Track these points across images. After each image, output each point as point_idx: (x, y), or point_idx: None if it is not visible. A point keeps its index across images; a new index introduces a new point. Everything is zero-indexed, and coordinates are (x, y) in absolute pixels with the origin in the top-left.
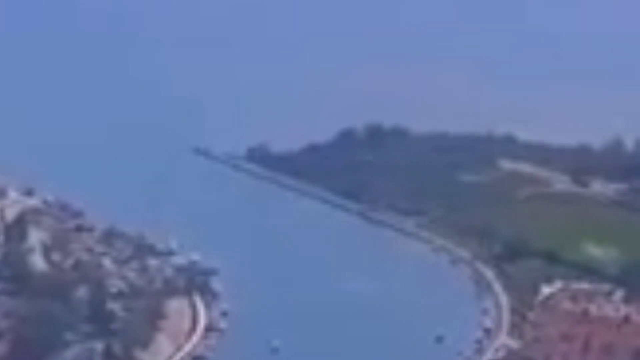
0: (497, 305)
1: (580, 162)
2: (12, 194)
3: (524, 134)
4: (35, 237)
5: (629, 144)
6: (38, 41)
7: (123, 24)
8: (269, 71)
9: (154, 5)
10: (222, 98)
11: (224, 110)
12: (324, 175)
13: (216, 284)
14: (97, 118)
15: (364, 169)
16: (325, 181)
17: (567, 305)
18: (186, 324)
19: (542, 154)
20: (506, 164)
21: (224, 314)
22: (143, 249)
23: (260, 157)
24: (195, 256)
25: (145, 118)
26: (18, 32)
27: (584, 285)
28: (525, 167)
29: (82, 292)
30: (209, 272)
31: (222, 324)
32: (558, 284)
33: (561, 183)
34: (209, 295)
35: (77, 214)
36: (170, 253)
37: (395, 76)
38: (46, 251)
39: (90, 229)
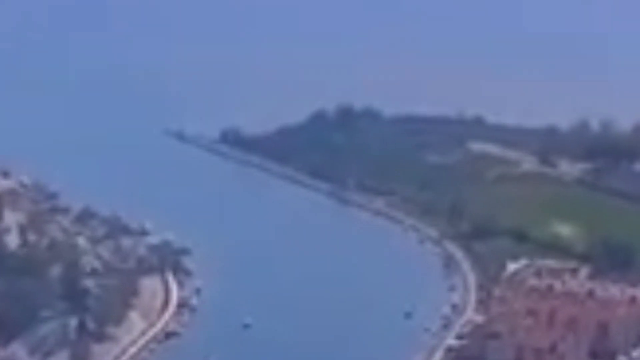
0: (465, 283)
1: (548, 143)
2: None
3: (493, 116)
4: (11, 217)
5: (595, 125)
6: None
7: (95, 10)
8: (242, 56)
9: None
10: (195, 82)
11: (197, 94)
12: (295, 157)
13: (189, 262)
14: (72, 103)
15: (335, 150)
16: (296, 162)
17: (532, 281)
18: (159, 301)
19: (511, 136)
20: (475, 146)
21: (197, 291)
22: (117, 229)
23: (233, 139)
24: (169, 235)
25: (119, 102)
26: None
27: (550, 263)
28: (494, 149)
29: (56, 270)
30: (182, 251)
31: (195, 301)
32: (524, 261)
33: (529, 163)
34: (182, 274)
35: (53, 196)
36: (144, 233)
37: (368, 59)
38: (22, 231)
39: (66, 210)
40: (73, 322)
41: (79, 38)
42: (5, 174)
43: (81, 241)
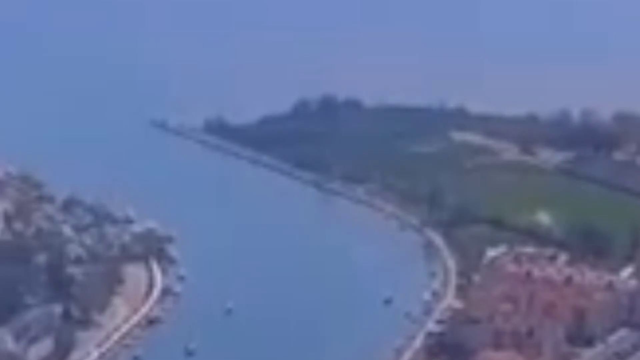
0: (445, 269)
1: (529, 132)
2: None
3: (474, 106)
4: None
5: (575, 114)
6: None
7: (80, 2)
8: (225, 46)
9: None
10: (179, 72)
11: (181, 84)
12: (278, 146)
13: (172, 250)
14: (57, 92)
15: (318, 140)
16: (279, 151)
17: (511, 267)
18: (143, 288)
19: (492, 125)
20: (457, 135)
21: (180, 278)
22: (102, 217)
23: (217, 128)
24: (153, 224)
25: (104, 92)
26: None
27: (529, 249)
28: (475, 138)
29: (42, 258)
30: (166, 239)
31: (178, 288)
32: (503, 248)
33: (510, 152)
34: (165, 261)
35: (38, 185)
36: (128, 221)
37: (351, 50)
38: (8, 220)
39: (51, 199)
40: (58, 308)
41: (66, 30)
42: None
43: (66, 229)
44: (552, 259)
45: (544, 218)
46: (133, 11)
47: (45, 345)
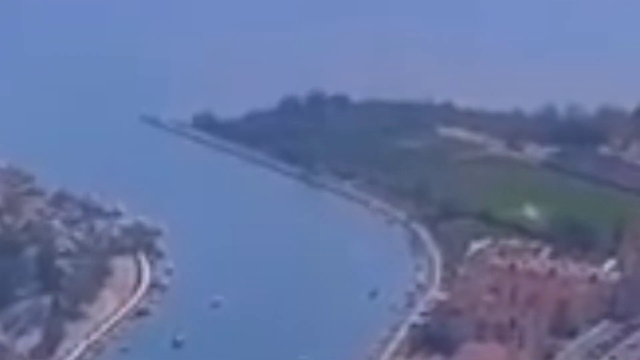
0: (430, 262)
1: (515, 128)
2: None
3: (461, 101)
4: None
5: (560, 109)
6: None
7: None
8: (214, 41)
9: None
10: (169, 67)
11: (170, 79)
12: (266, 141)
13: (161, 244)
14: (48, 88)
15: (306, 135)
16: (267, 146)
17: (495, 260)
18: (131, 281)
19: (479, 120)
20: (444, 130)
21: (168, 271)
22: (91, 211)
23: (206, 123)
24: (142, 217)
25: (95, 88)
26: None
27: (514, 242)
28: (462, 133)
29: (32, 251)
30: (154, 233)
31: (166, 281)
32: (488, 241)
33: (496, 147)
34: (154, 255)
35: (28, 179)
36: (117, 214)
37: (338, 46)
38: None
39: (41, 193)
40: (47, 300)
41: (59, 27)
42: None
43: (56, 223)
44: (536, 251)
45: (529, 212)
46: (124, 10)
47: (34, 336)
